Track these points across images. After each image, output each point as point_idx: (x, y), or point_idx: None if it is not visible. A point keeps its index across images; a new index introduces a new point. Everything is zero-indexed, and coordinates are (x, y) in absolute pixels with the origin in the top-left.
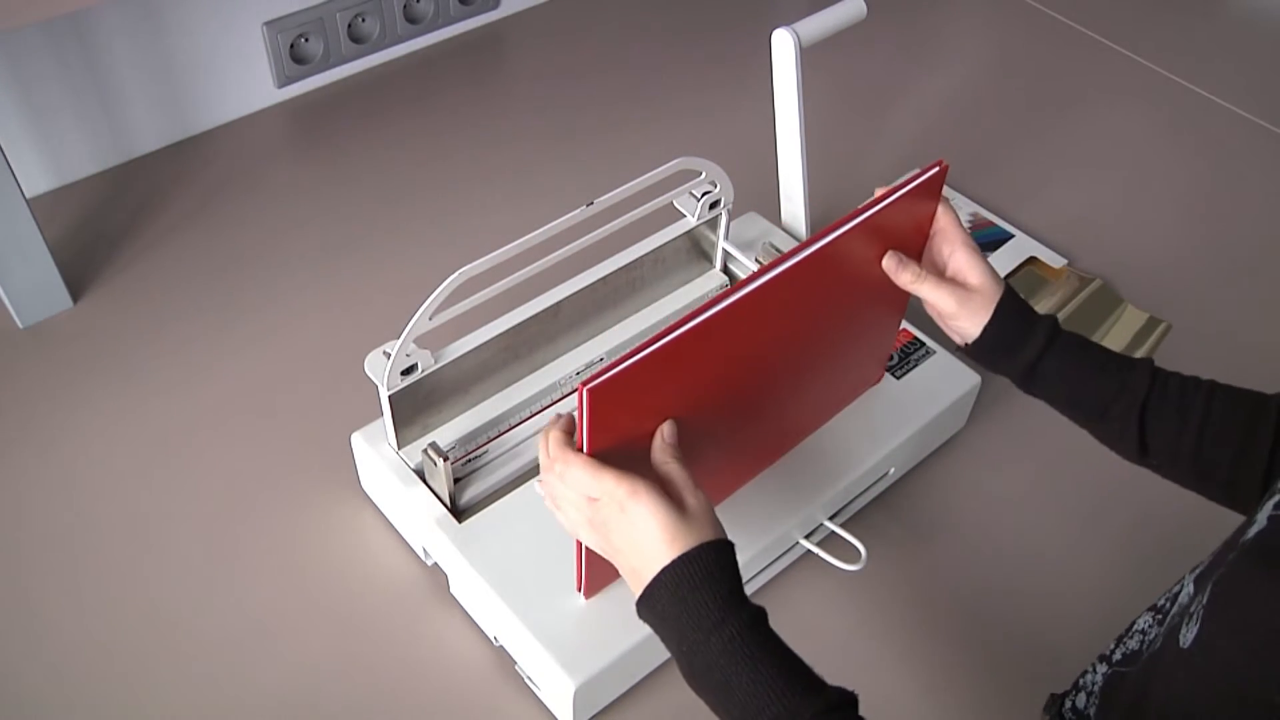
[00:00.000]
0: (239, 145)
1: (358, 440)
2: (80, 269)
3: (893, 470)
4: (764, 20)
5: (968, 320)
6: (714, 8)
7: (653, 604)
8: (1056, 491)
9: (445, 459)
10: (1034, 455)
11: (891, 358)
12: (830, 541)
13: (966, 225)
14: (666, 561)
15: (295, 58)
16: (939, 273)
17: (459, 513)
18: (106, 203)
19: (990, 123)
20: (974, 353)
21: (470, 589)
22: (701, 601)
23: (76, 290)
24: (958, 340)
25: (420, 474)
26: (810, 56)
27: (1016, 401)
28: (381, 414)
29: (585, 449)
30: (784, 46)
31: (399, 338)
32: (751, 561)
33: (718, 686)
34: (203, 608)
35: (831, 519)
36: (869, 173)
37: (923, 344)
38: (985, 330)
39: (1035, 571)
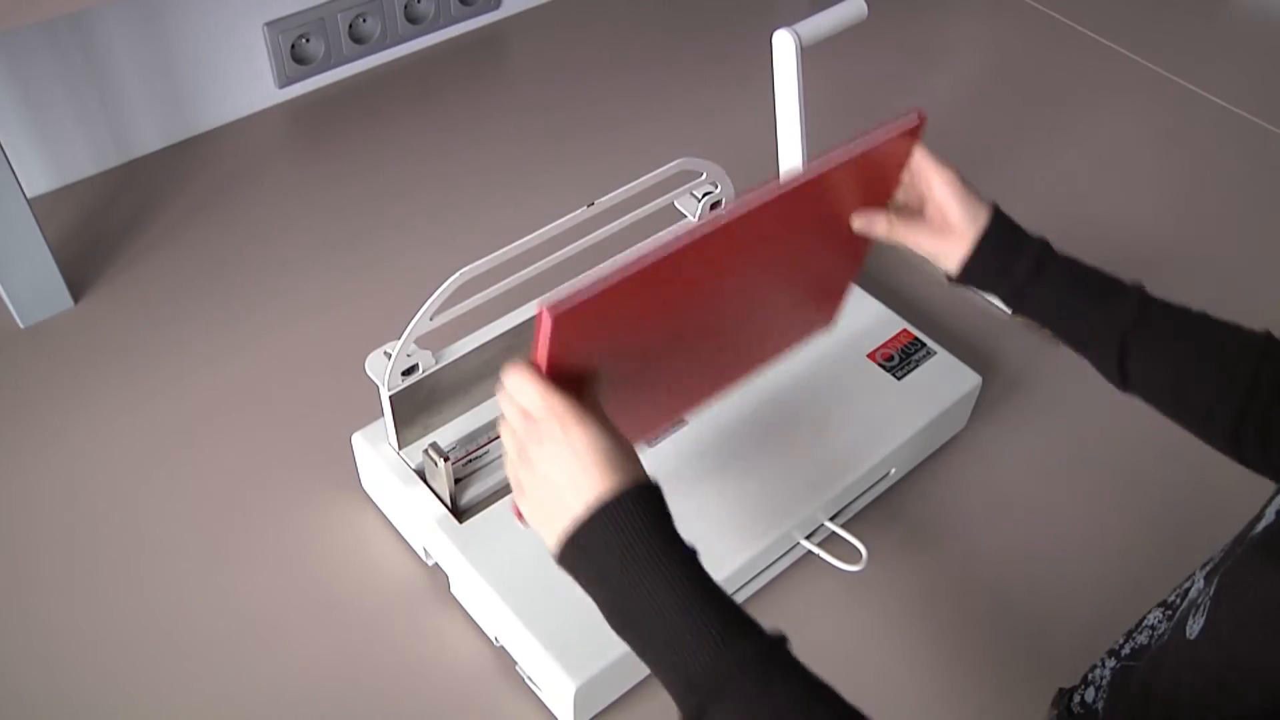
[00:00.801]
0: (240, 145)
1: (358, 440)
2: (81, 269)
3: (894, 471)
4: (765, 20)
5: (951, 258)
6: (715, 8)
7: (583, 540)
8: (1058, 490)
9: (446, 459)
10: (1035, 455)
11: (892, 358)
12: (831, 542)
13: None
14: (602, 492)
15: (296, 58)
16: (920, 214)
17: (460, 513)
18: (107, 203)
19: (989, 122)
20: (958, 281)
21: (471, 589)
22: (636, 537)
23: (77, 290)
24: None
25: (421, 474)
26: (811, 57)
27: (1018, 402)
28: (382, 414)
29: (543, 369)
30: (785, 47)
31: (400, 338)
32: (752, 562)
33: (649, 626)
34: (202, 608)
35: (832, 519)
36: None
37: (923, 344)
38: (964, 265)
39: (1038, 570)
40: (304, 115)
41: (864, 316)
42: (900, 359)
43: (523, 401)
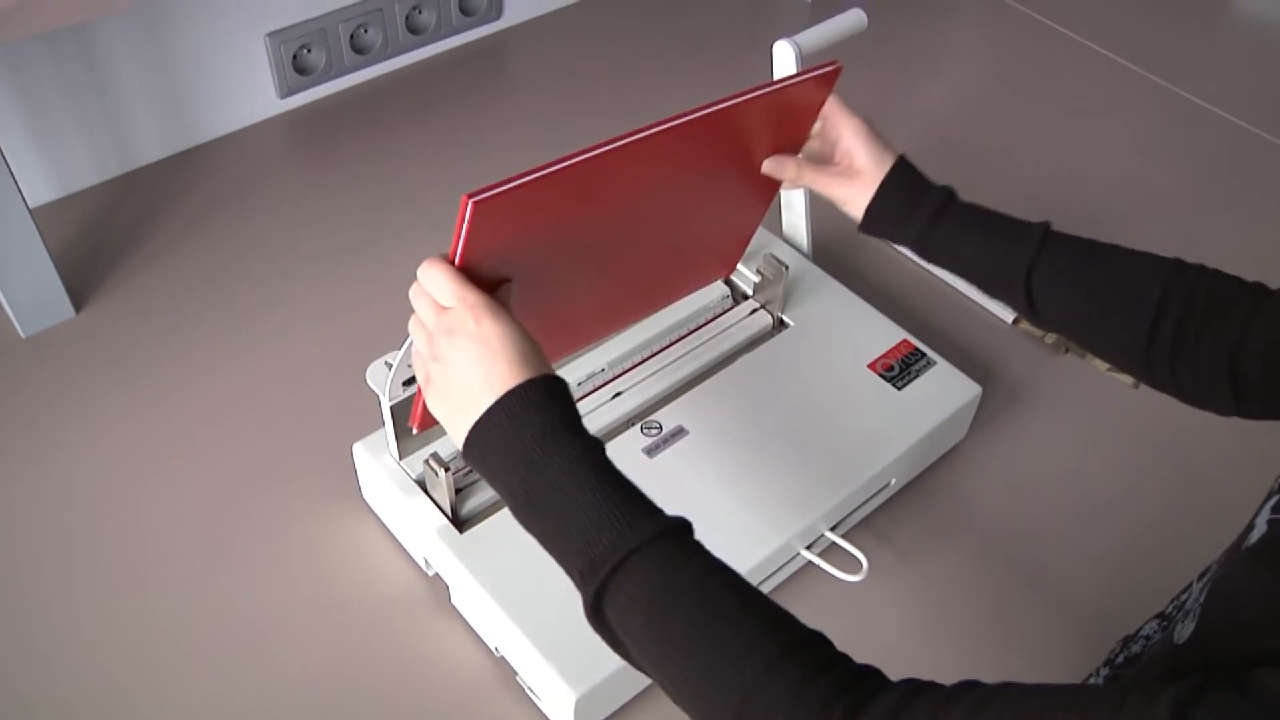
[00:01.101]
0: (241, 155)
1: (359, 450)
2: (82, 279)
3: (894, 481)
4: (766, 30)
5: (857, 204)
6: (717, 19)
7: (491, 426)
8: (1058, 501)
9: (447, 469)
10: (1035, 465)
11: (892, 368)
12: (832, 552)
13: None
14: (513, 384)
15: (298, 68)
16: (829, 160)
17: (460, 523)
18: (109, 213)
19: (990, 133)
20: (864, 229)
21: (471, 600)
22: (546, 423)
23: (79, 300)
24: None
25: (422, 484)
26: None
27: (1018, 412)
28: (383, 424)
29: (458, 262)
30: (785, 57)
31: (401, 348)
32: (752, 572)
33: (555, 510)
34: (202, 617)
35: (833, 529)
36: None
37: (923, 354)
38: (868, 208)
39: (1038, 581)
40: (305, 125)
41: (864, 326)
42: (900, 369)
43: (435, 293)
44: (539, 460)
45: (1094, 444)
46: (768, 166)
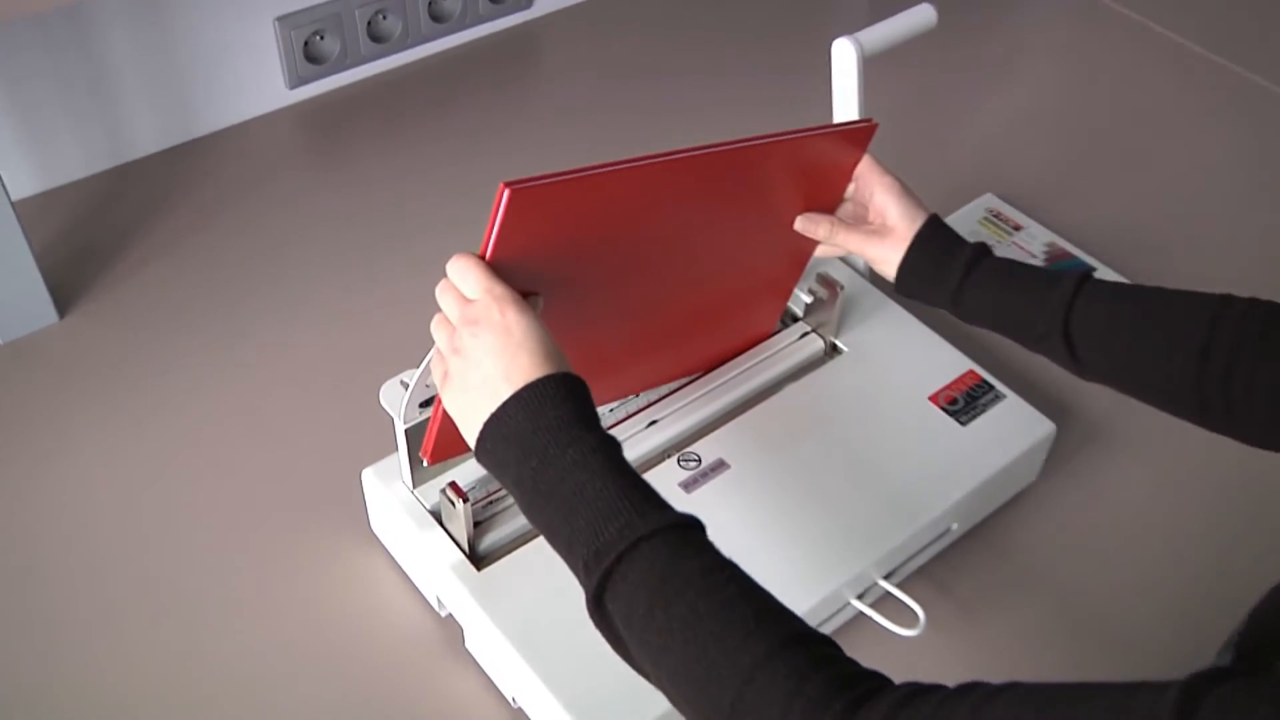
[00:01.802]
0: (246, 150)
1: (369, 477)
2: (68, 281)
3: (955, 526)
4: (821, 27)
5: (890, 263)
6: (766, 13)
7: (503, 424)
8: (1139, 554)
9: (465, 500)
10: (1114, 513)
11: (956, 401)
12: (885, 603)
13: (1042, 255)
14: (532, 378)
15: (309, 56)
16: (863, 220)
17: (478, 560)
18: (99, 209)
19: (1073, 144)
20: (899, 290)
21: (488, 644)
22: (563, 417)
23: (64, 304)
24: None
25: (437, 516)
26: (873, 68)
27: (1096, 453)
28: (396, 449)
29: (488, 256)
30: (845, 57)
31: (418, 366)
32: None
33: (565, 500)
34: (192, 655)
35: (887, 578)
36: (933, 197)
37: (991, 387)
38: (900, 266)
39: (1117, 639)
40: (316, 119)
41: (926, 355)
42: (965, 402)
43: (462, 286)
44: (552, 453)
45: (1180, 491)
46: (800, 224)
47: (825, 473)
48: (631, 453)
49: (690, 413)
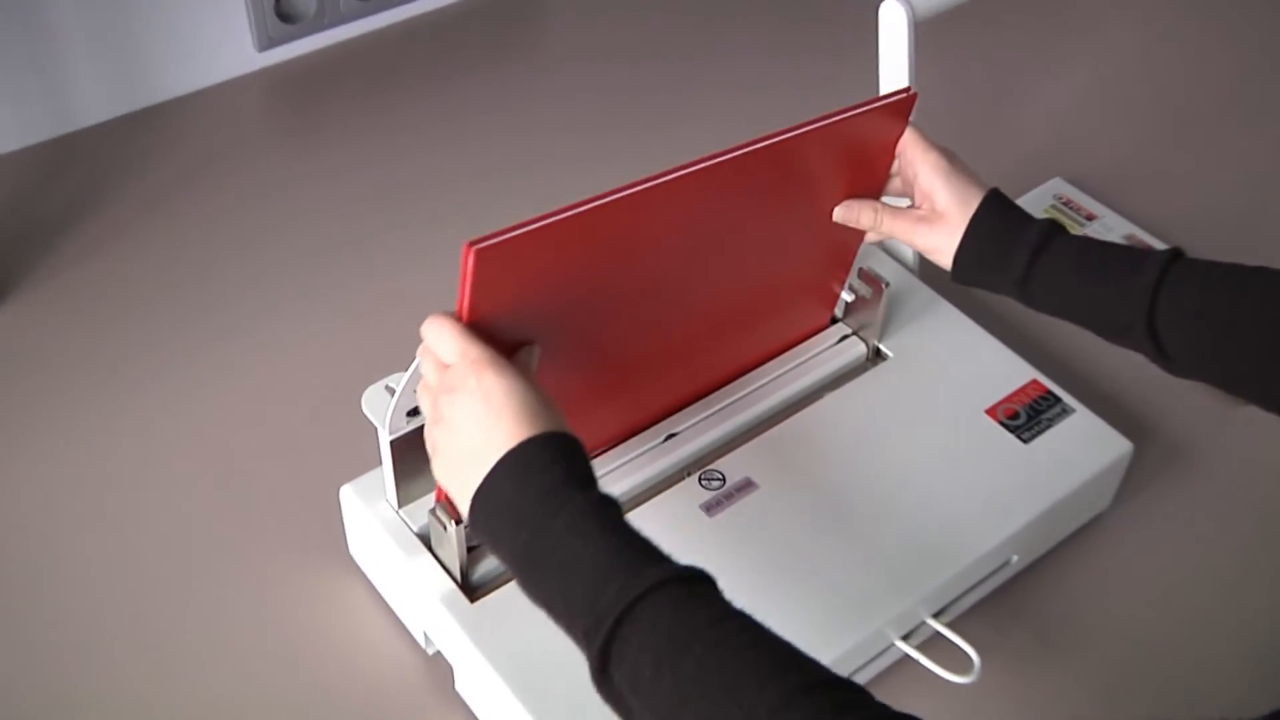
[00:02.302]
0: (208, 121)
1: (348, 495)
2: (4, 266)
3: (1016, 558)
4: None
5: (946, 252)
6: None
7: (490, 495)
8: (1229, 590)
9: (458, 522)
10: (1200, 545)
11: (1017, 415)
12: (935, 645)
13: None
14: (516, 442)
15: (282, 14)
16: (912, 203)
17: (471, 590)
18: (40, 185)
19: (1156, 121)
20: (957, 280)
21: (481, 685)
22: (552, 480)
23: (0, 290)
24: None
25: (425, 539)
26: (924, 35)
27: (1179, 477)
28: (380, 463)
29: (464, 318)
30: (894, 22)
31: (406, 369)
32: (834, 666)
33: (560, 570)
34: (147, 696)
35: (936, 616)
36: (990, 180)
37: (1058, 399)
38: (957, 255)
39: (1200, 687)
40: (289, 87)
41: (983, 361)
42: (1028, 417)
43: (439, 350)
44: (542, 521)
45: (1277, 523)
46: (840, 214)
47: (867, 495)
48: (647, 470)
49: (713, 425)
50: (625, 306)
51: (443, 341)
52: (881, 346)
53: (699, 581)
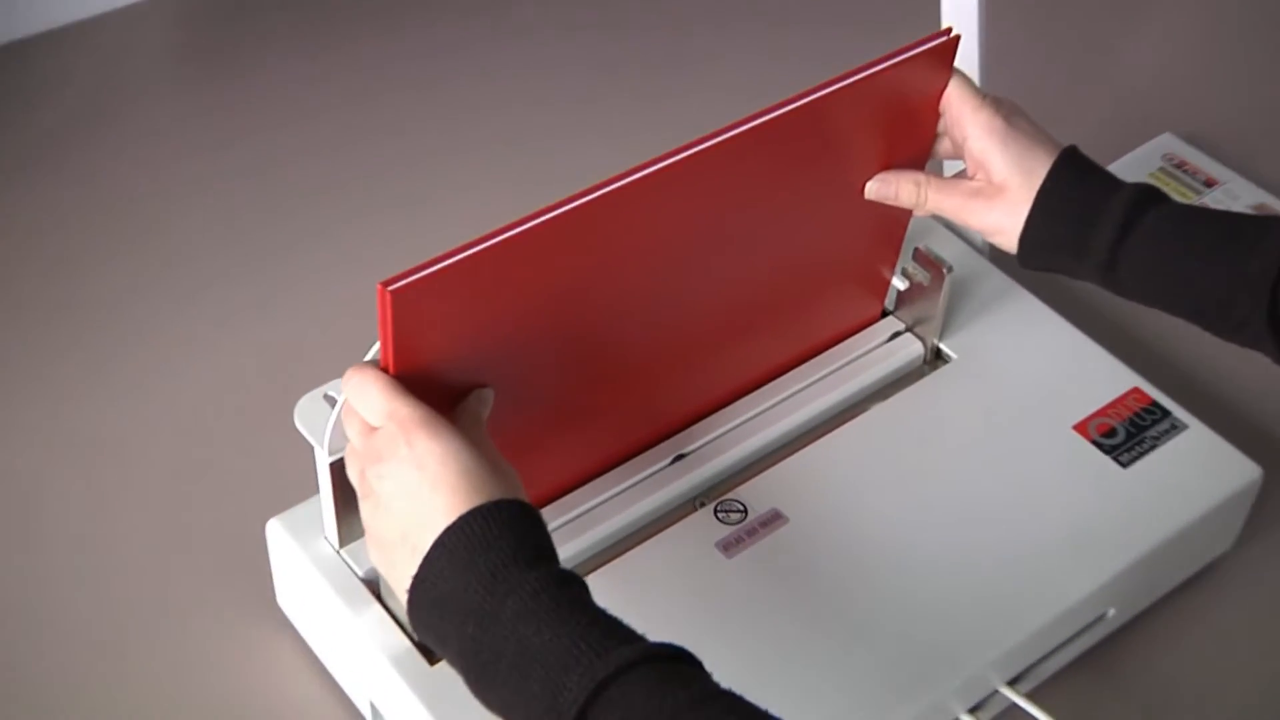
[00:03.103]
0: (100, 57)
1: (276, 530)
2: None
3: (1112, 613)
4: None
5: (1008, 232)
6: None
7: (429, 585)
8: None
9: None
10: None
11: (1114, 432)
12: None
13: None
14: (454, 518)
15: None
16: (963, 173)
17: (430, 650)
18: None
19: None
20: (1025, 264)
21: None
22: (497, 560)
23: None
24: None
25: (373, 586)
26: None
27: None
28: (318, 491)
29: (391, 368)
30: None
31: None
32: None
33: (513, 665)
34: None
35: (1012, 685)
36: (1085, 142)
37: (1166, 412)
38: (1023, 235)
39: None
40: (203, 18)
41: (1071, 365)
42: (1127, 434)
43: (363, 410)
44: (488, 609)
45: None
46: (874, 191)
47: (923, 532)
48: (649, 500)
49: (732, 444)
50: (609, 319)
51: (366, 400)
52: (942, 346)
53: (677, 661)
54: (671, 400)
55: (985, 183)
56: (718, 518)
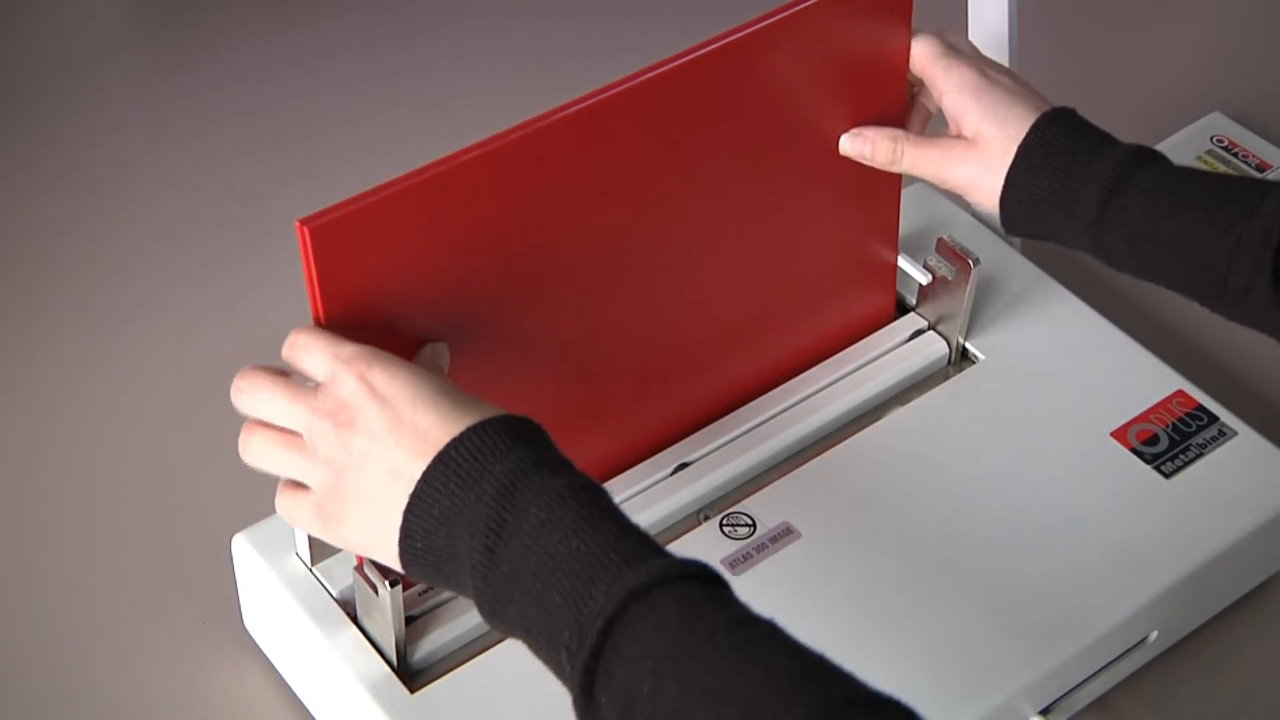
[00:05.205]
0: (50, 32)
1: (242, 546)
2: None
3: (1154, 636)
4: None
5: (987, 191)
6: None
7: (428, 507)
8: None
9: (393, 583)
10: None
11: (1156, 439)
12: None
13: None
14: (450, 435)
15: None
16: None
17: (411, 676)
18: None
19: None
20: (1009, 228)
21: None
22: (513, 468)
23: None
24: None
25: (349, 608)
26: None
27: None
28: None
29: (321, 317)
30: None
31: None
32: None
33: (534, 577)
34: None
35: (1045, 715)
36: (1124, 121)
37: (1213, 418)
38: (1004, 193)
39: None
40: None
41: (1110, 366)
42: (1171, 441)
43: (308, 365)
44: (506, 519)
45: None
46: (849, 146)
47: (947, 549)
48: (650, 511)
49: (740, 452)
50: (572, 280)
51: (310, 355)
52: (969, 345)
53: (711, 582)
54: (664, 397)
55: (959, 136)
56: (724, 532)
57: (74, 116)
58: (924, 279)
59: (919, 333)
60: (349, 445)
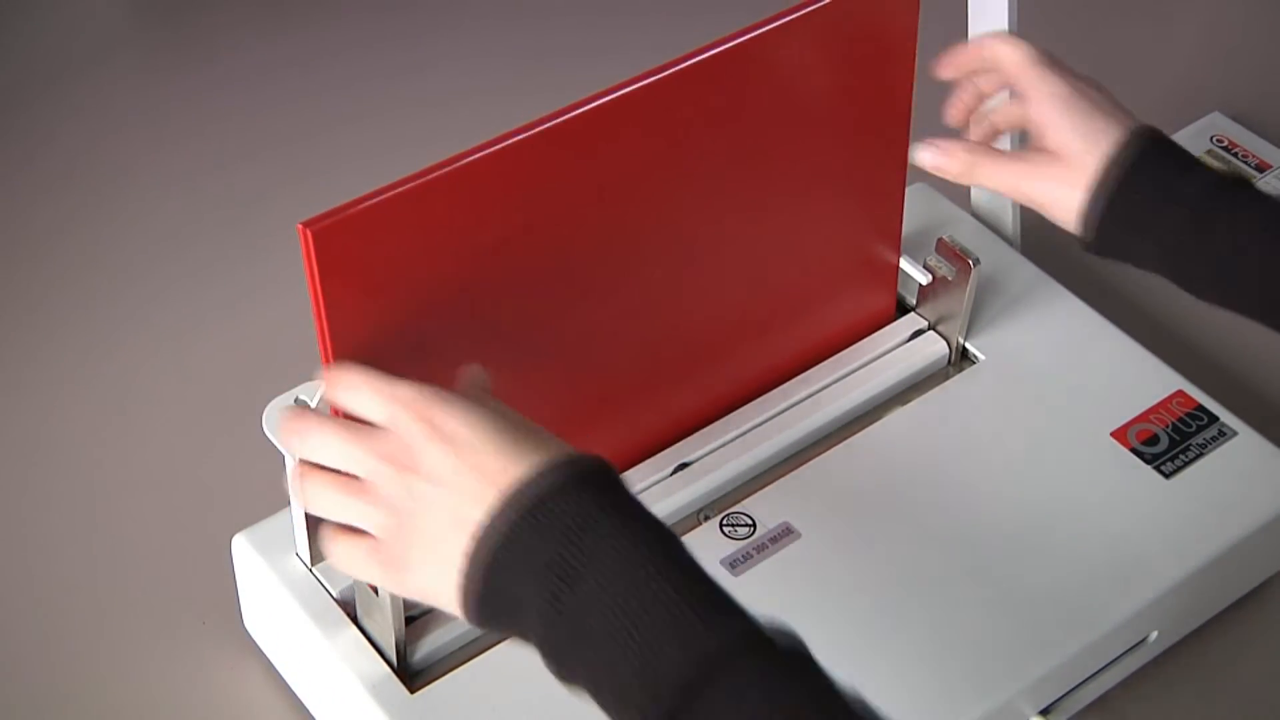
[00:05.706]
0: (50, 30)
1: (242, 546)
2: None
3: (1154, 636)
4: None
5: (1066, 206)
6: None
7: (501, 551)
8: None
9: None
10: None
11: (1156, 439)
12: None
13: None
14: (516, 479)
15: None
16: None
17: (411, 676)
18: None
19: None
20: (1090, 247)
21: None
22: (582, 513)
23: None
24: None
25: (349, 607)
26: None
27: None
28: (289, 503)
29: (329, 351)
30: None
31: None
32: None
33: (604, 633)
34: None
35: (1045, 715)
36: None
37: (1213, 418)
38: (1086, 210)
39: None
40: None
41: (1109, 365)
42: (1171, 441)
43: (357, 407)
44: (574, 568)
45: None
46: (927, 159)
47: (947, 549)
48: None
49: (740, 452)
50: (577, 279)
51: (359, 397)
52: (969, 346)
53: (794, 644)
54: (665, 396)
55: (1041, 150)
56: (724, 532)
57: (74, 116)
58: (924, 279)
59: (919, 333)
60: (413, 489)
